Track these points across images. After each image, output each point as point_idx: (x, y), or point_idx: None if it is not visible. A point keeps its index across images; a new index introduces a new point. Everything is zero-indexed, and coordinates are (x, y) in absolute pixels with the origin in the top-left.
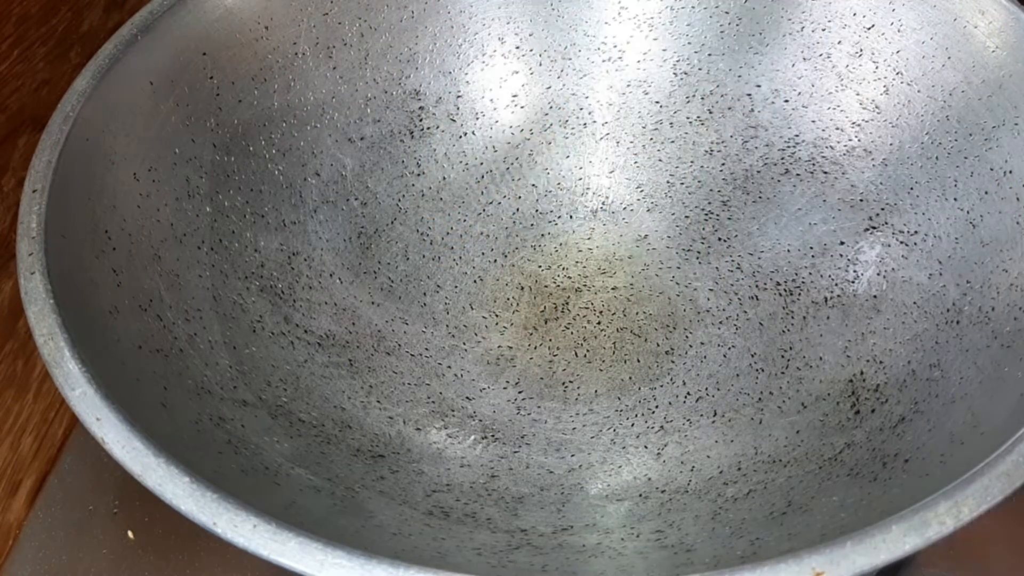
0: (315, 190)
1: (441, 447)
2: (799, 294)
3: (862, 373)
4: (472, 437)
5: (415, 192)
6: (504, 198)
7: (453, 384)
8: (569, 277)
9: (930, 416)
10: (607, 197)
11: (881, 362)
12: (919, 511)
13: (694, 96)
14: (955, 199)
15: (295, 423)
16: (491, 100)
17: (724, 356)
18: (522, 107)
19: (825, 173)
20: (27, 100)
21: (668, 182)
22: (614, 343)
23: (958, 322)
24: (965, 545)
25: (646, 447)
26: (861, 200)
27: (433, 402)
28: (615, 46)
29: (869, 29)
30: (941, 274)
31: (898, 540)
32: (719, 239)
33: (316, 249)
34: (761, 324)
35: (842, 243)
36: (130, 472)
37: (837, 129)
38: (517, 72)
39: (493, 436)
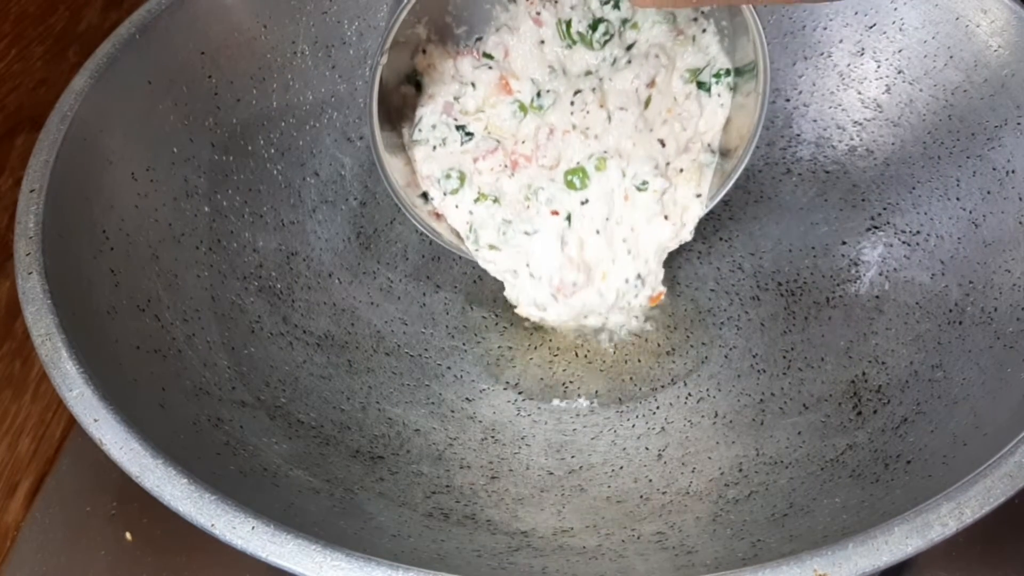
0: (314, 190)
1: (441, 448)
2: (801, 294)
3: (864, 374)
4: (472, 438)
5: None
6: None
7: (453, 385)
8: None
9: (932, 417)
10: None
11: (883, 363)
12: (921, 513)
13: None
14: (957, 199)
15: (294, 424)
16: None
17: (725, 357)
18: None
19: (827, 172)
20: (25, 99)
21: None
22: (614, 343)
23: (960, 323)
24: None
25: (647, 448)
26: (863, 200)
27: (433, 403)
28: None
29: (871, 28)
30: (943, 274)
31: (900, 542)
32: (720, 239)
33: (315, 249)
34: (763, 324)
35: (844, 243)
36: (128, 473)
37: (838, 128)
38: None
39: (493, 437)
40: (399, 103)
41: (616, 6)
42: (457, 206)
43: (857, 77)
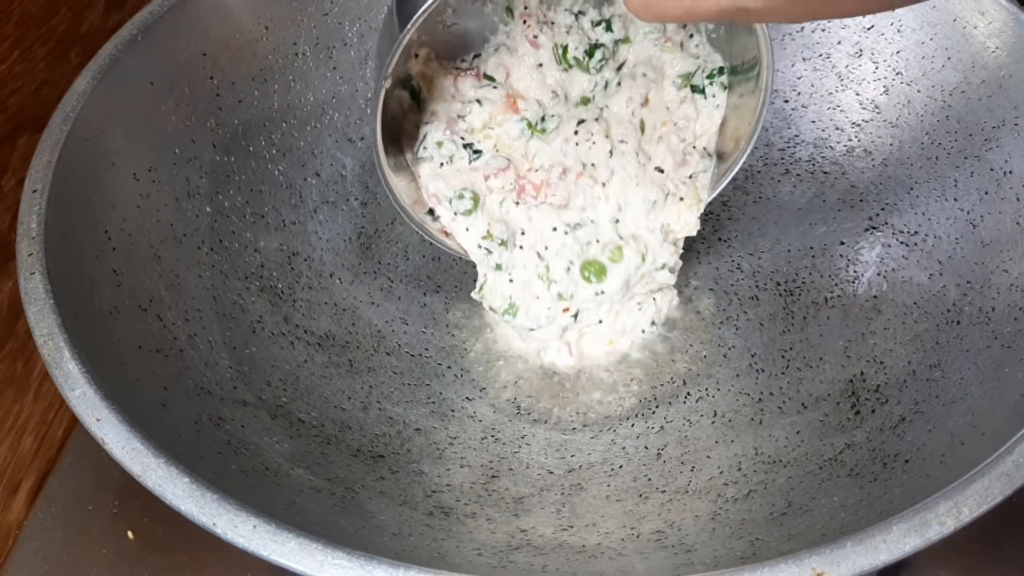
0: (315, 190)
1: (441, 447)
2: (799, 294)
3: (862, 373)
4: (472, 437)
5: None
6: None
7: (453, 384)
8: None
9: (930, 416)
10: None
11: (881, 362)
12: (919, 511)
13: None
14: (955, 199)
15: (295, 423)
16: None
17: (724, 356)
18: None
19: (825, 173)
20: (27, 100)
21: None
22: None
23: (958, 322)
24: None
25: (646, 447)
26: (861, 200)
27: (433, 402)
28: None
29: (869, 29)
30: (941, 274)
31: (898, 540)
32: (719, 239)
33: (316, 249)
34: (761, 324)
35: (842, 243)
36: (130, 472)
37: (837, 129)
38: None
39: (493, 436)
40: (396, 111)
41: (608, 28)
42: (468, 229)
43: (855, 78)
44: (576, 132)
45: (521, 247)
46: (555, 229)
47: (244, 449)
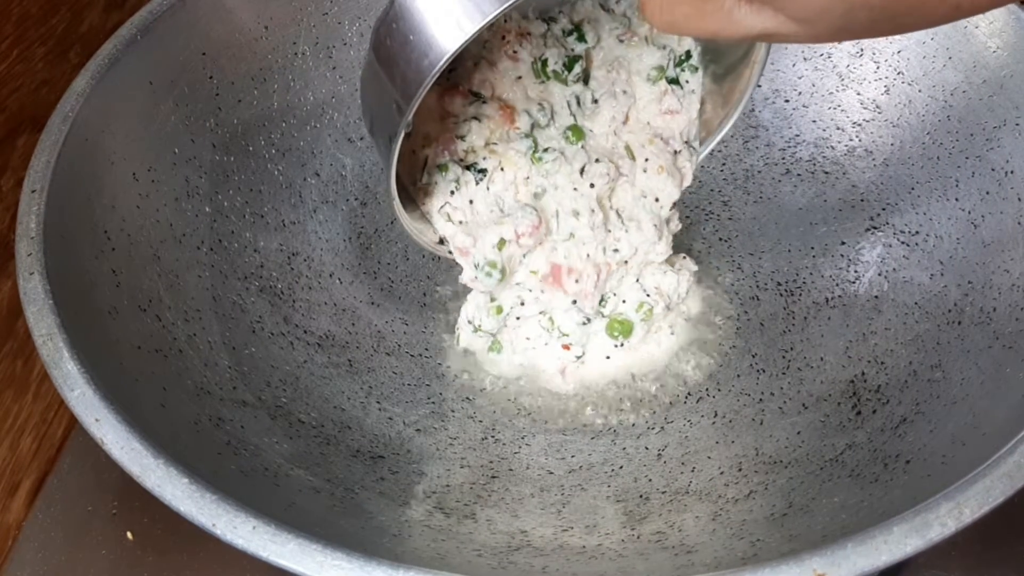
0: (315, 190)
1: (441, 447)
2: (800, 294)
3: (863, 374)
4: (472, 437)
5: None
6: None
7: (453, 384)
8: None
9: (931, 417)
10: None
11: (882, 363)
12: (921, 512)
13: None
14: (956, 199)
15: (294, 424)
16: None
17: (725, 356)
18: None
19: (826, 173)
20: (26, 100)
21: None
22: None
23: (959, 323)
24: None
25: (647, 448)
26: (862, 200)
27: (433, 402)
28: None
29: None
30: (942, 274)
31: (899, 541)
32: (719, 239)
33: (316, 249)
34: (762, 324)
35: (843, 243)
36: (129, 473)
37: (838, 129)
38: None
39: (493, 436)
40: None
41: (582, 38)
42: (492, 299)
43: (856, 78)
44: (592, 186)
45: (519, 317)
46: (575, 302)
47: (244, 449)
